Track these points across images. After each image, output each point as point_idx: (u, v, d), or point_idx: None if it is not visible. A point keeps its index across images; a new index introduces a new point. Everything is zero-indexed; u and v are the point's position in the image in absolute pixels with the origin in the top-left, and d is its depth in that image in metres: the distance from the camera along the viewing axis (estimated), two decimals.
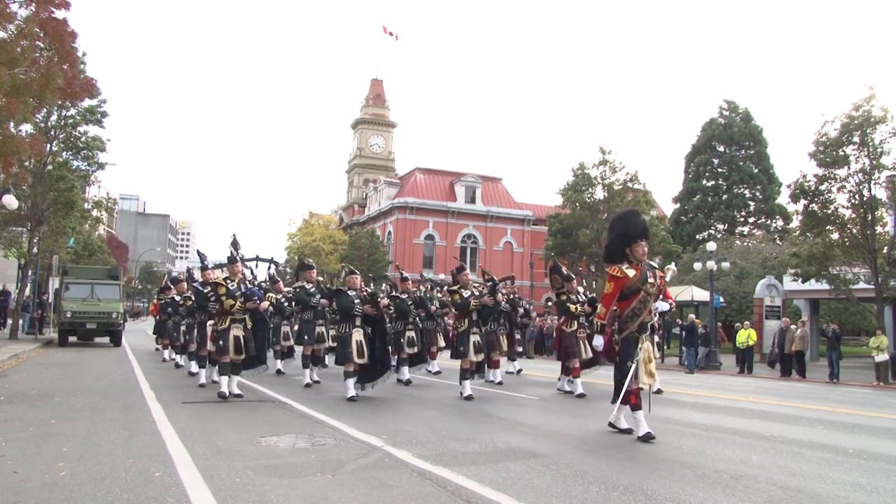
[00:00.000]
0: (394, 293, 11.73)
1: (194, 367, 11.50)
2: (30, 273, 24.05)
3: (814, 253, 19.46)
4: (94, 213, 27.58)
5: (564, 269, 11.15)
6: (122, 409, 7.58)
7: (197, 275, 12.43)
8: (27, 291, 24.40)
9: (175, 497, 3.95)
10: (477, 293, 9.83)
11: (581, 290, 11.14)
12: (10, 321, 22.09)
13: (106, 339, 20.88)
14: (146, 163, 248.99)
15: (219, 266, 9.08)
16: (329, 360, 11.37)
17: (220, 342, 8.52)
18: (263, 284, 12.44)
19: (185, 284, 13.03)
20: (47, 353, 17.00)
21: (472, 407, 8.57)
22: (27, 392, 8.83)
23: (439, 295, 13.05)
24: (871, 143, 18.83)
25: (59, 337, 20.40)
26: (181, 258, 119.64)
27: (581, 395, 9.95)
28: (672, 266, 7.34)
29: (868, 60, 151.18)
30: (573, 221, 34.08)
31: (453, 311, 12.36)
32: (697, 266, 26.57)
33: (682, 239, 38.69)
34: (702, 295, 24.91)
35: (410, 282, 12.25)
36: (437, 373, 13.26)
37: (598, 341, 6.52)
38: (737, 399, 10.79)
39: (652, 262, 6.71)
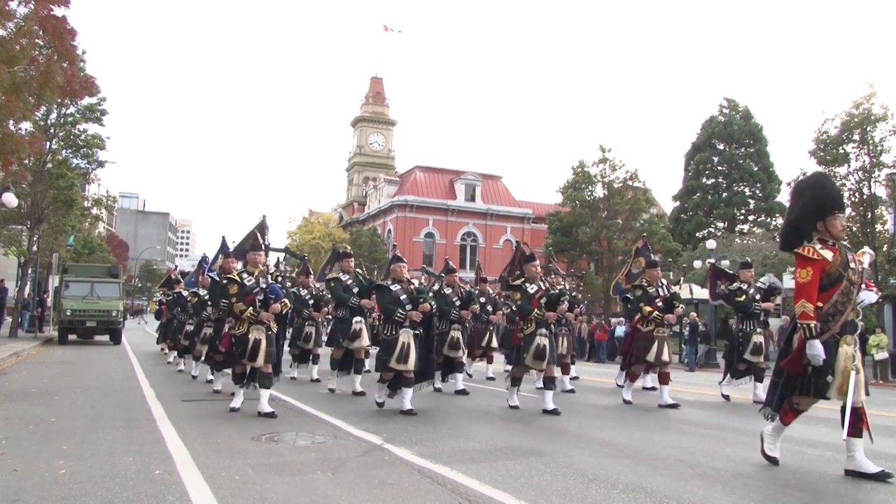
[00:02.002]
0: (437, 288, 10.05)
1: (209, 374, 10.22)
2: (29, 271, 24.05)
3: None
4: (94, 211, 27.64)
5: (652, 255, 9.89)
6: (122, 407, 7.58)
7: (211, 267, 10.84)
8: (27, 290, 24.39)
9: (175, 495, 3.94)
10: (545, 287, 8.15)
11: (664, 282, 9.38)
12: (9, 319, 22.08)
13: (106, 338, 20.90)
14: (146, 161, 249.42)
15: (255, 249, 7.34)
16: (370, 363, 10.04)
17: (238, 349, 7.14)
18: (286, 280, 10.51)
19: (205, 277, 10.84)
20: (47, 351, 17.00)
21: (471, 406, 8.56)
22: (27, 390, 8.83)
23: (490, 290, 11.70)
24: (871, 141, 18.88)
25: (59, 335, 20.44)
26: (181, 256, 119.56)
27: (674, 406, 8.62)
28: (868, 249, 5.38)
29: (868, 59, 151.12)
30: (573, 219, 34.10)
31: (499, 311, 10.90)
32: (697, 264, 26.55)
33: (682, 237, 38.66)
34: (701, 293, 24.91)
35: (457, 275, 10.51)
36: (491, 378, 11.95)
37: (817, 349, 4.65)
38: (736, 397, 10.79)
39: (844, 243, 5.08)
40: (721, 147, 41.31)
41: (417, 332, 7.59)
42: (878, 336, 17.70)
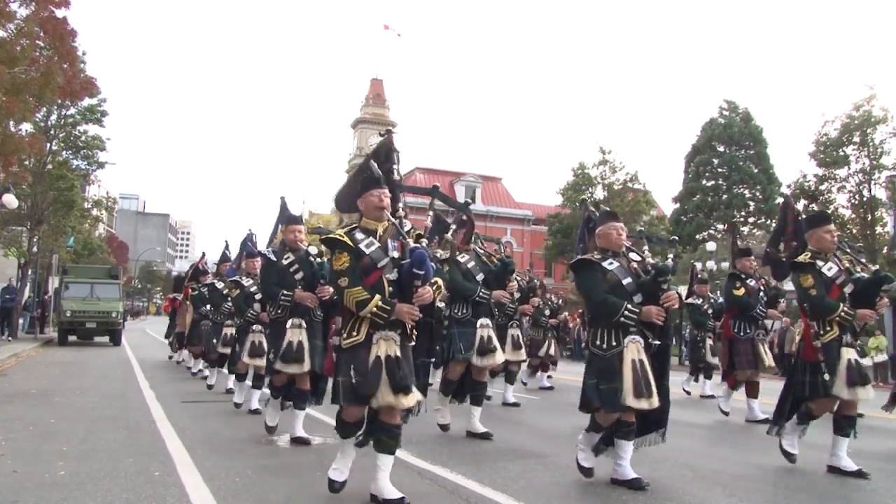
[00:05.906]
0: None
1: (255, 400, 7.23)
2: (29, 272, 24.06)
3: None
4: (94, 212, 27.67)
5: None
6: (122, 408, 7.58)
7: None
8: (27, 291, 24.40)
9: (174, 496, 3.94)
10: (845, 265, 5.14)
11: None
12: (21, 321, 22.04)
13: (106, 339, 20.89)
14: (146, 162, 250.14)
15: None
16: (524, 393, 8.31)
17: (353, 367, 3.79)
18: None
19: (256, 261, 7.36)
20: (47, 352, 17.00)
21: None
22: (27, 391, 8.83)
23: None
24: (871, 143, 18.93)
25: (59, 336, 20.42)
26: (181, 257, 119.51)
27: None
28: None
29: (868, 60, 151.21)
30: (573, 221, 34.11)
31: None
32: (697, 266, 26.53)
33: (682, 239, 38.69)
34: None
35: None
36: (549, 388, 10.49)
37: None
38: (736, 399, 10.78)
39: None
40: (721, 149, 41.30)
41: (652, 342, 4.46)
42: (876, 339, 17.69)
